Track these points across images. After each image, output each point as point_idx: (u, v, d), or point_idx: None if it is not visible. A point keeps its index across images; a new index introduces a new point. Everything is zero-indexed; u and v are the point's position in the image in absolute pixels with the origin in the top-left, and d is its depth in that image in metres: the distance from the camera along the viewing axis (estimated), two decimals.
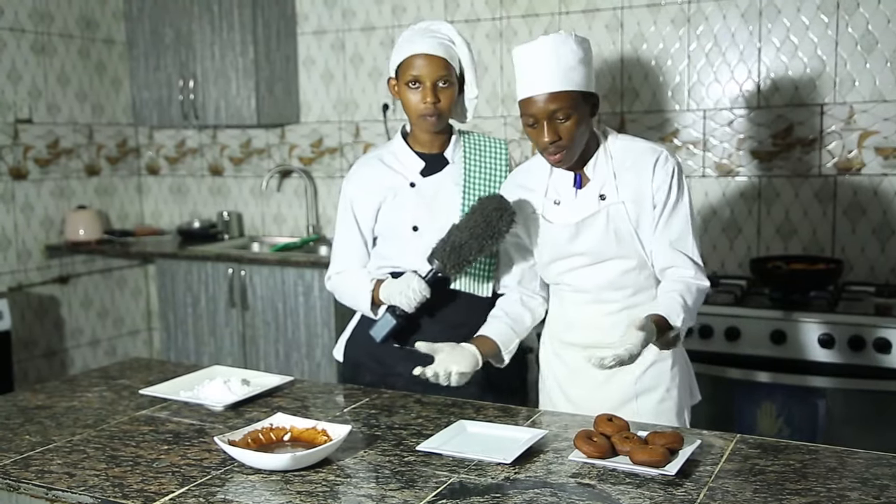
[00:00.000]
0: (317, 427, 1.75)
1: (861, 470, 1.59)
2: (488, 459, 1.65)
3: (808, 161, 3.39)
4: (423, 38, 2.13)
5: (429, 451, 1.70)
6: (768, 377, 2.89)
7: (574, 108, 1.90)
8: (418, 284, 2.08)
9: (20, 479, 1.63)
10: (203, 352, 4.20)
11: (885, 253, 3.30)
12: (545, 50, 1.90)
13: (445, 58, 2.13)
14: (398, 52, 2.17)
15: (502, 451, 1.67)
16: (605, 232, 1.99)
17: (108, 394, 2.16)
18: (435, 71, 2.11)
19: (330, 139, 4.45)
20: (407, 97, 2.15)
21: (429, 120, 2.15)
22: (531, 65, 1.91)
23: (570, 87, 1.89)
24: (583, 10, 3.73)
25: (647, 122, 3.65)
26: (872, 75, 3.26)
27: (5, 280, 4.24)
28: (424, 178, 2.22)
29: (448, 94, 2.14)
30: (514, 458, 1.64)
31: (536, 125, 1.92)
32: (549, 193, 2.07)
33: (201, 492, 1.55)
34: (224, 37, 4.25)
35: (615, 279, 2.02)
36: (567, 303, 2.10)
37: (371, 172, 2.26)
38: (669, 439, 1.65)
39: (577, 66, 1.90)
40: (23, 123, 4.32)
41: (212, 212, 4.84)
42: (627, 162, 2.01)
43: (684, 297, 1.92)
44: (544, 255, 2.08)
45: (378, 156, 2.29)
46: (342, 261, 2.31)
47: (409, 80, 2.13)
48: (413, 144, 2.26)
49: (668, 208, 1.99)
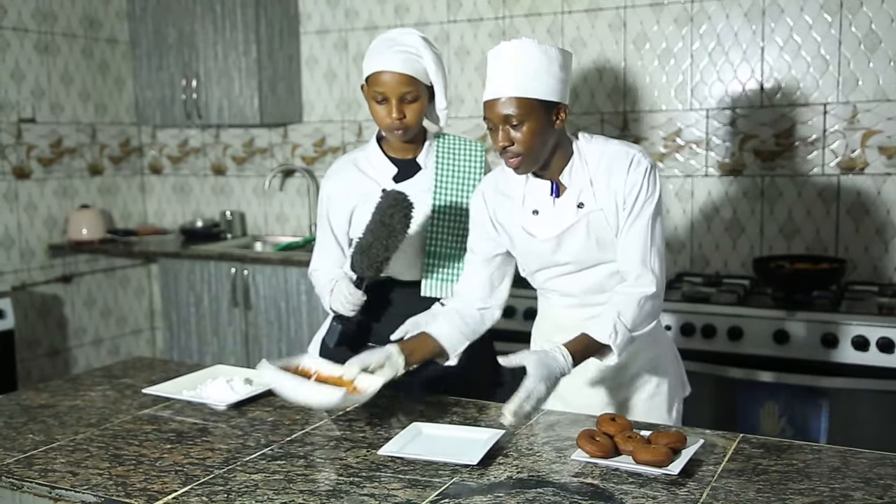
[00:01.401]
0: (343, 377, 1.84)
1: (864, 470, 1.59)
2: (454, 462, 1.64)
3: (811, 160, 3.39)
4: (389, 53, 2.12)
5: (390, 455, 1.68)
6: (771, 377, 2.89)
7: (528, 116, 1.86)
8: (347, 289, 2.15)
9: (24, 478, 1.63)
10: (206, 351, 4.21)
11: (889, 252, 3.30)
12: (506, 55, 1.88)
13: (410, 74, 2.12)
14: (366, 65, 2.18)
15: (465, 452, 1.66)
16: (586, 240, 1.97)
17: (111, 393, 2.16)
18: (399, 87, 2.12)
19: (332, 138, 4.46)
20: (374, 109, 2.17)
21: (395, 133, 2.18)
22: (493, 68, 1.90)
23: (526, 94, 1.85)
24: (585, 9, 3.73)
25: (650, 121, 3.64)
26: (876, 74, 3.26)
27: (9, 279, 4.25)
28: (396, 183, 2.24)
29: (414, 108, 2.16)
30: (479, 458, 1.63)
31: (493, 129, 1.91)
32: (526, 202, 2.03)
33: (204, 491, 1.55)
34: (227, 36, 4.26)
35: (601, 282, 2.01)
36: (554, 306, 2.10)
37: (345, 176, 2.29)
38: (672, 439, 1.65)
39: (539, 74, 1.85)
40: (26, 123, 4.33)
41: (214, 211, 4.85)
42: (602, 166, 1.96)
43: (620, 311, 1.88)
44: (529, 265, 2.07)
45: (353, 159, 2.31)
46: (319, 259, 2.36)
47: (374, 95, 2.15)
48: (387, 149, 2.28)
49: (634, 210, 1.94)
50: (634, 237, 1.94)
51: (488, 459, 1.66)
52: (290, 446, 1.77)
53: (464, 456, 1.64)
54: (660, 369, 2.10)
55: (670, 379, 2.12)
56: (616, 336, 1.85)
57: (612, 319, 1.87)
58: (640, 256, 1.94)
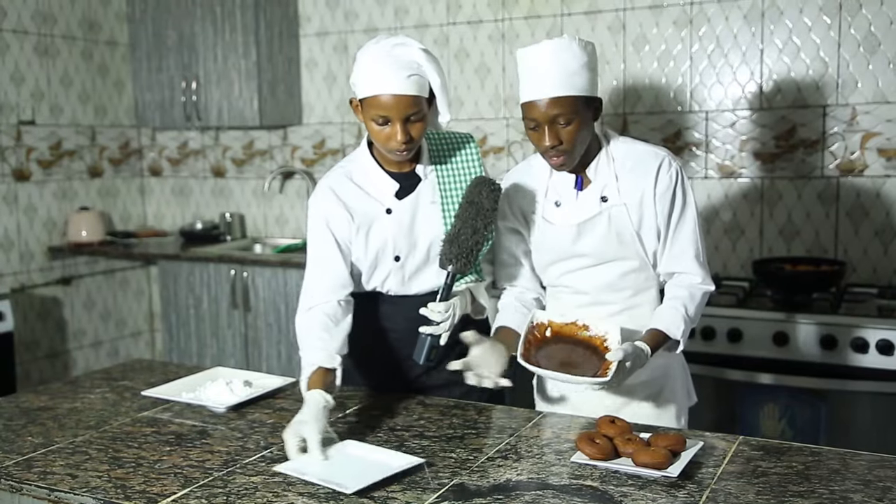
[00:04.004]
0: (577, 322, 1.91)
1: (864, 472, 1.59)
2: (331, 486, 1.53)
3: (810, 163, 3.39)
4: (390, 73, 1.88)
5: (284, 472, 1.61)
6: (771, 379, 2.89)
7: (576, 113, 1.89)
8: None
9: (23, 481, 1.63)
10: (205, 353, 4.20)
11: (888, 255, 3.30)
12: (548, 54, 1.89)
13: (416, 94, 1.90)
14: (361, 83, 1.93)
15: (357, 477, 1.55)
16: (606, 233, 1.99)
17: (110, 395, 2.16)
18: (405, 110, 1.90)
19: (332, 141, 4.46)
20: (374, 130, 1.95)
21: (399, 155, 1.97)
22: (534, 68, 1.90)
23: (572, 91, 1.88)
24: (585, 11, 3.73)
25: (650, 123, 3.64)
26: (875, 77, 3.26)
27: (8, 281, 4.25)
28: (400, 200, 2.06)
29: (419, 127, 1.94)
30: (356, 489, 1.51)
31: (538, 129, 1.91)
32: (549, 194, 2.07)
33: (203, 493, 1.55)
34: (226, 38, 4.26)
35: (615, 281, 2.03)
36: (566, 305, 2.10)
37: (344, 194, 2.06)
38: (672, 441, 1.65)
39: (581, 70, 1.89)
40: (26, 125, 4.33)
41: (214, 213, 4.85)
42: (629, 164, 2.01)
43: (686, 307, 1.97)
44: (544, 257, 2.08)
45: (347, 173, 2.09)
46: (316, 291, 2.02)
47: (374, 117, 1.92)
48: (382, 161, 2.07)
49: (675, 215, 2.00)
50: (685, 239, 2.02)
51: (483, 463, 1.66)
52: None
53: (349, 481, 1.53)
54: (669, 377, 2.10)
55: (678, 388, 2.12)
56: (685, 330, 1.96)
57: (680, 314, 1.96)
58: (695, 255, 2.03)
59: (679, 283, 2.02)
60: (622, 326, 1.95)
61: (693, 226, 2.02)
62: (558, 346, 1.94)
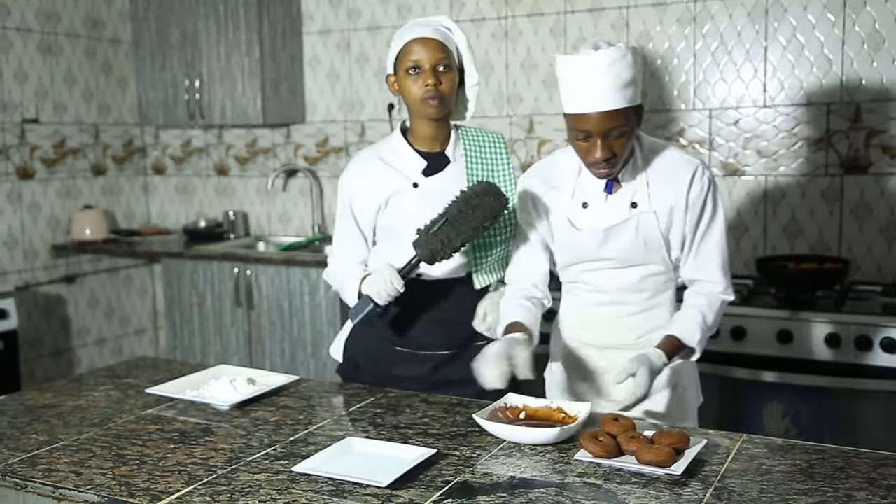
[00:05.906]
0: (550, 406, 1.85)
1: (868, 470, 1.59)
2: (365, 482, 1.54)
3: (814, 160, 3.38)
4: (419, 27, 2.15)
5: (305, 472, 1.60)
6: (774, 377, 2.89)
7: (628, 124, 1.87)
8: (391, 275, 2.03)
9: (27, 478, 1.63)
10: (209, 351, 4.21)
11: (893, 252, 3.29)
12: (603, 65, 1.83)
13: (443, 41, 2.12)
14: (396, 44, 2.16)
15: (384, 471, 1.56)
16: (634, 239, 1.97)
17: (114, 393, 2.16)
18: (433, 54, 2.10)
19: (335, 139, 4.46)
20: (407, 86, 2.12)
21: (431, 104, 2.09)
22: (586, 79, 1.84)
23: (625, 103, 1.85)
24: (588, 8, 3.73)
25: (653, 121, 3.64)
26: (879, 74, 3.25)
27: (12, 279, 4.26)
28: (427, 177, 2.16)
29: (448, 78, 2.11)
30: (390, 480, 1.52)
31: (588, 140, 1.88)
32: (576, 195, 2.04)
33: (207, 491, 1.55)
34: (230, 37, 4.26)
35: (636, 283, 2.02)
36: (582, 303, 2.09)
37: (371, 171, 2.18)
38: (675, 439, 1.65)
39: (633, 81, 1.86)
40: (29, 123, 4.33)
41: (217, 211, 4.85)
42: (662, 172, 1.98)
43: (705, 315, 1.98)
44: (567, 258, 2.06)
45: (377, 153, 2.20)
46: (339, 259, 2.24)
47: (408, 66, 2.11)
48: (413, 142, 2.19)
49: (703, 223, 1.99)
50: (711, 248, 2.01)
51: (486, 460, 1.66)
52: (294, 446, 1.77)
53: (377, 476, 1.55)
54: (682, 376, 2.10)
55: (689, 388, 2.12)
56: (702, 339, 1.97)
57: (697, 322, 1.96)
58: (720, 265, 2.02)
59: (700, 290, 2.02)
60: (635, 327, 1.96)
61: (720, 234, 2.01)
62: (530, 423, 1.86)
